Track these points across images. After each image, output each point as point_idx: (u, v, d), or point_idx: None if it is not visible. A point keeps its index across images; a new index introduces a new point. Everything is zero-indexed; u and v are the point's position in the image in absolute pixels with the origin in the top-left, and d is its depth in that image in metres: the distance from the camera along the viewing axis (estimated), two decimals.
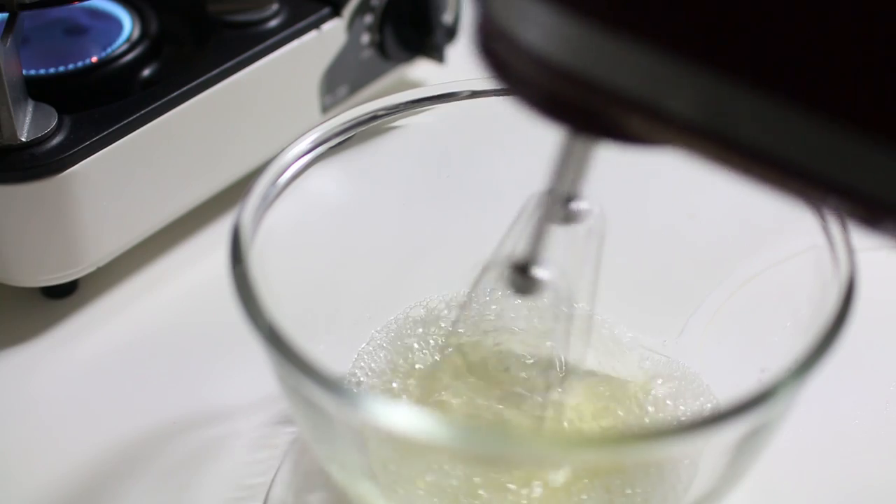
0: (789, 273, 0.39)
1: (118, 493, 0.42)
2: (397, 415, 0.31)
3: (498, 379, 0.40)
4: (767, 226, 0.41)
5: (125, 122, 0.46)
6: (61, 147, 0.45)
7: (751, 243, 0.42)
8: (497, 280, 0.36)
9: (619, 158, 0.30)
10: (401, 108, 0.42)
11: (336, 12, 0.54)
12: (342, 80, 0.56)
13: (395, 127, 0.42)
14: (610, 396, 0.40)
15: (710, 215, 0.43)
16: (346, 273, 0.43)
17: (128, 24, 0.53)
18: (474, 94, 0.42)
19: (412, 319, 0.44)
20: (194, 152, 0.50)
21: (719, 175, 0.27)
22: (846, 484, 0.42)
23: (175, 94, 0.48)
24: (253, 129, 0.52)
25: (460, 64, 0.59)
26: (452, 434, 0.31)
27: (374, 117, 0.41)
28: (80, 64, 0.51)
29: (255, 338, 0.33)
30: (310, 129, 0.40)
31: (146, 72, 0.52)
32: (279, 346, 0.32)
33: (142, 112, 0.47)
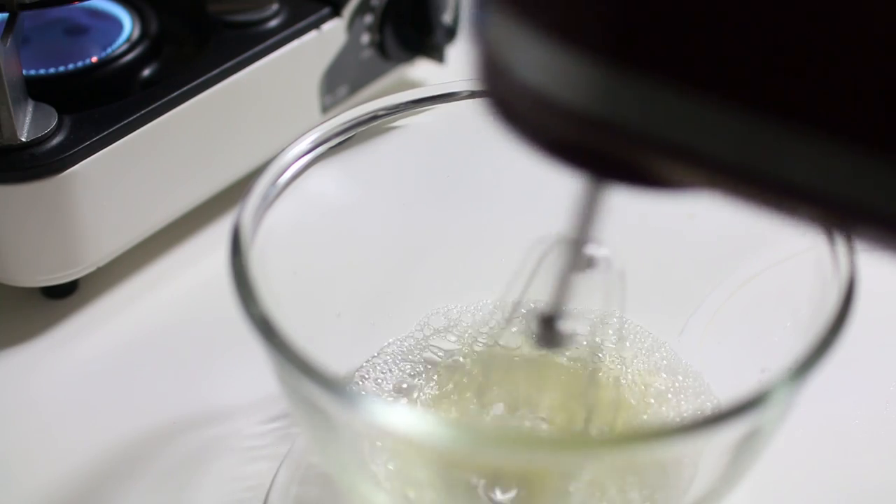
0: (789, 273, 0.39)
1: (118, 493, 0.42)
2: (397, 415, 0.31)
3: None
4: (767, 226, 0.41)
5: (125, 122, 0.46)
6: (61, 147, 0.45)
7: (751, 243, 0.42)
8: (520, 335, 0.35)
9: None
10: (401, 108, 0.41)
11: (336, 12, 0.54)
12: (342, 80, 0.56)
13: (395, 127, 0.42)
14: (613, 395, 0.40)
15: (710, 215, 0.43)
16: (346, 273, 0.43)
17: (128, 24, 0.53)
18: (474, 94, 0.42)
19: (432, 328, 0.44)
20: (194, 152, 0.50)
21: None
22: (846, 484, 0.42)
23: (175, 94, 0.48)
24: (253, 129, 0.52)
25: (460, 64, 0.59)
26: (452, 435, 0.31)
27: (374, 117, 0.41)
28: (80, 64, 0.51)
29: (254, 338, 0.33)
30: (310, 129, 0.40)
31: (146, 72, 0.52)
32: (279, 347, 0.32)
33: (142, 112, 0.47)
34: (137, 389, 0.46)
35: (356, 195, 0.43)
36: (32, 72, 0.50)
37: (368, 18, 0.56)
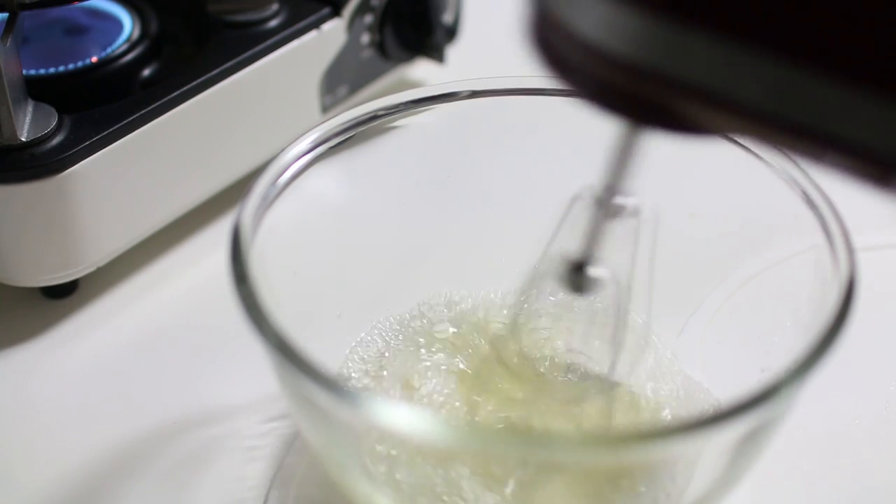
0: (789, 273, 0.39)
1: (118, 493, 0.42)
2: (397, 415, 0.31)
3: (531, 379, 0.40)
4: (767, 226, 0.41)
5: (125, 122, 0.46)
6: (61, 147, 0.45)
7: (751, 243, 0.42)
8: (551, 280, 0.36)
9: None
10: (401, 108, 0.42)
11: (336, 12, 0.54)
12: (342, 80, 0.56)
13: (395, 127, 0.42)
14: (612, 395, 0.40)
15: (710, 215, 0.43)
16: (346, 273, 0.43)
17: (128, 24, 0.53)
18: (474, 94, 0.42)
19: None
20: (194, 152, 0.50)
21: (719, 175, 0.27)
22: (846, 484, 0.42)
23: (175, 94, 0.48)
24: (253, 129, 0.52)
25: (460, 64, 0.59)
26: (452, 435, 0.31)
27: (374, 117, 0.41)
28: (80, 64, 0.51)
29: (255, 338, 0.33)
30: (310, 129, 0.40)
31: (146, 72, 0.52)
32: (280, 347, 0.32)
33: (142, 112, 0.47)
34: (137, 389, 0.46)
35: (356, 195, 0.43)
36: (32, 72, 0.50)
37: (368, 18, 0.56)
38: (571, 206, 0.36)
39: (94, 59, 0.51)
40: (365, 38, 0.56)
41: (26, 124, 0.45)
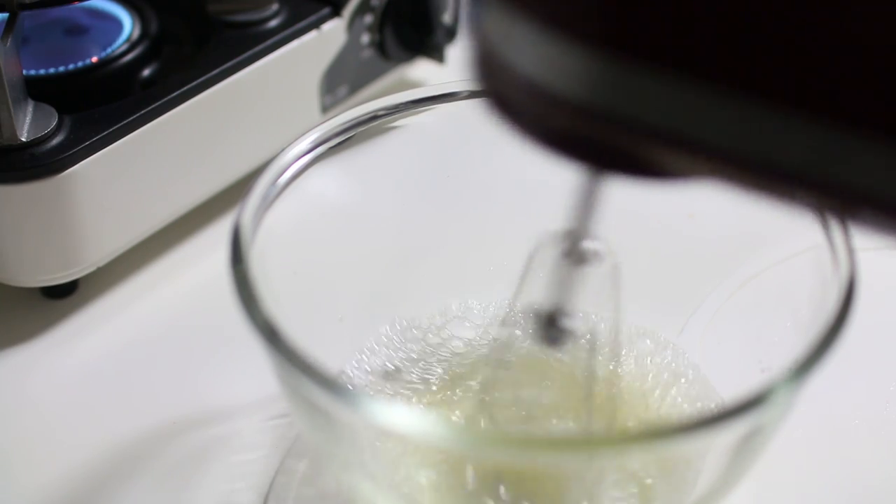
0: (789, 273, 0.39)
1: (118, 493, 0.42)
2: (397, 415, 0.31)
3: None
4: (767, 226, 0.41)
5: (125, 122, 0.46)
6: (61, 147, 0.45)
7: (751, 243, 0.42)
8: (523, 331, 0.35)
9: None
10: (401, 108, 0.42)
11: (336, 12, 0.54)
12: (342, 80, 0.56)
13: (395, 127, 0.42)
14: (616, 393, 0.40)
15: (710, 215, 0.43)
16: (346, 273, 0.43)
17: (128, 24, 0.53)
18: (474, 94, 0.42)
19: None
20: (194, 152, 0.50)
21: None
22: (846, 484, 0.42)
23: (175, 94, 0.48)
24: (253, 129, 0.52)
25: (460, 64, 0.59)
26: (452, 435, 0.31)
27: (374, 117, 0.41)
28: (80, 64, 0.51)
29: (255, 338, 0.33)
30: (310, 129, 0.40)
31: (146, 72, 0.52)
32: (279, 347, 0.32)
33: (142, 112, 0.47)
34: (137, 389, 0.46)
35: (356, 195, 0.43)
36: (32, 72, 0.50)
37: (368, 18, 0.56)
38: (535, 254, 0.35)
39: (94, 59, 0.51)
40: (365, 38, 0.56)
41: (26, 124, 0.45)
